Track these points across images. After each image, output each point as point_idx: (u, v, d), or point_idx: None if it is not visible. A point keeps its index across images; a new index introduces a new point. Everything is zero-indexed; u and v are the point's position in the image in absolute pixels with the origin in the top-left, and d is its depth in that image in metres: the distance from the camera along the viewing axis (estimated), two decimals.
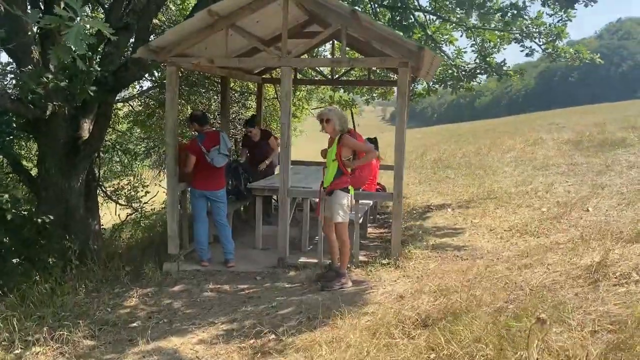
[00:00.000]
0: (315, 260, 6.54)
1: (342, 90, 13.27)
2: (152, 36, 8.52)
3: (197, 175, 6.45)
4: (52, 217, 6.82)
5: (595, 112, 30.92)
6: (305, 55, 8.56)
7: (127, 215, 13.59)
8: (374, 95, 13.28)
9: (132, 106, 15.02)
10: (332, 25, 6.30)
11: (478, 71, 8.88)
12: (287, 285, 5.82)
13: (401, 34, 6.26)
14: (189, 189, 6.73)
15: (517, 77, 9.32)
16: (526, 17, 7.08)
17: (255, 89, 13.88)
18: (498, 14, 6.85)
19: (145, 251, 8.02)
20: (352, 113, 6.98)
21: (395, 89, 11.35)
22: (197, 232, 6.55)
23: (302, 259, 6.73)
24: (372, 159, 5.80)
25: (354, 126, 6.71)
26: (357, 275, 5.94)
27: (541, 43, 8.68)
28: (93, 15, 11.93)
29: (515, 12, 6.58)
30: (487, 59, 8.85)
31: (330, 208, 5.65)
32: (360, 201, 6.56)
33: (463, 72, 8.89)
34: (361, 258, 6.49)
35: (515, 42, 8.66)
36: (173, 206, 6.52)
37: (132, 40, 8.11)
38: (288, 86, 6.22)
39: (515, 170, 12.86)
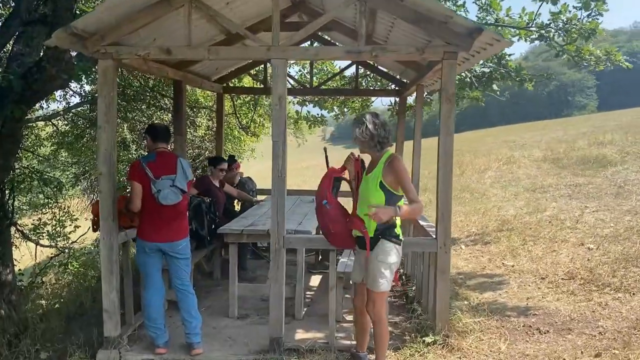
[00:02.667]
0: (323, 337, 4.59)
1: (310, 105, 11.38)
2: None
3: (145, 218, 4.35)
4: None
5: (545, 129, 30.61)
6: None
7: (51, 257, 11.11)
8: (346, 109, 11.44)
9: (56, 126, 12.57)
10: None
11: (495, 76, 7.27)
12: None
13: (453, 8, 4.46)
14: (136, 239, 4.59)
15: (532, 83, 7.78)
16: None
17: (207, 102, 11.86)
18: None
19: (72, 320, 5.83)
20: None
21: (379, 100, 9.65)
22: (149, 305, 4.42)
23: (301, 334, 4.77)
24: (418, 214, 3.95)
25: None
26: None
27: (564, 43, 7.17)
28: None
29: None
30: (503, 62, 7.27)
31: (368, 268, 3.75)
32: None
33: (476, 78, 7.27)
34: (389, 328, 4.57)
35: (541, 41, 7.11)
36: (110, 267, 4.38)
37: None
38: (283, 88, 4.29)
39: (506, 193, 11.42)
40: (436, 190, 4.35)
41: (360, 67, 7.85)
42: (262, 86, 8.62)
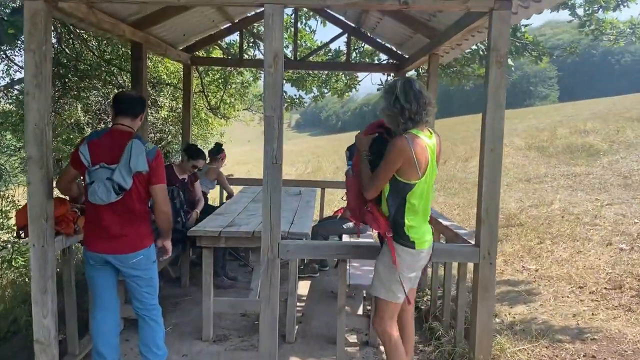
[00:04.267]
0: None
1: (288, 84, 10.22)
2: None
3: (87, 219, 3.25)
4: None
5: (516, 118, 30.16)
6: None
7: None
8: (326, 90, 10.32)
9: None
10: None
11: (510, 49, 6.32)
12: None
13: None
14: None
15: (548, 58, 6.87)
16: None
17: (171, 80, 10.60)
18: None
19: (2, 341, 4.64)
20: None
21: (368, 78, 8.61)
22: (96, 334, 3.28)
23: None
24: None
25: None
26: None
27: (586, 11, 6.28)
28: None
29: None
30: (518, 34, 6.33)
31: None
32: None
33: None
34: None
35: (561, 10, 6.19)
36: (43, 284, 3.23)
37: None
38: (279, 43, 3.21)
39: None
40: (478, 180, 3.34)
41: (352, 37, 6.80)
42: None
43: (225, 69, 9.89)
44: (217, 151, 6.58)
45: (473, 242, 3.41)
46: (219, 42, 9.00)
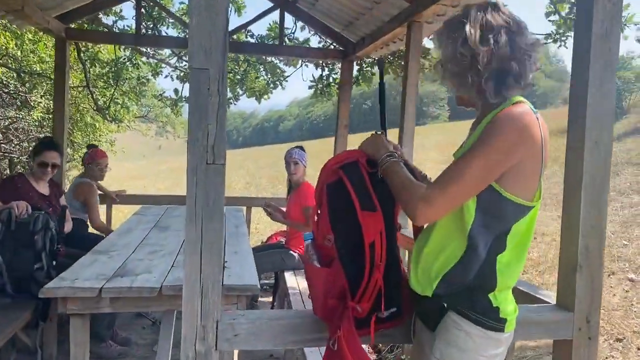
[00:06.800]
0: None
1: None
2: None
3: None
4: None
5: (420, 134, 30.35)
6: None
7: None
8: (241, 91, 8.64)
9: None
10: None
11: None
12: None
13: None
14: None
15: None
16: None
17: (47, 72, 8.49)
18: None
19: None
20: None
21: (298, 72, 7.20)
22: None
23: None
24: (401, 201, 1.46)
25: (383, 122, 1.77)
26: None
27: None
28: None
29: None
30: None
31: None
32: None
33: None
34: None
35: None
36: None
37: None
38: None
39: None
40: (564, 196, 1.94)
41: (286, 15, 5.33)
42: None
43: (117, 60, 8.01)
44: (87, 154, 4.65)
45: (552, 302, 2.03)
46: (108, 25, 7.20)
